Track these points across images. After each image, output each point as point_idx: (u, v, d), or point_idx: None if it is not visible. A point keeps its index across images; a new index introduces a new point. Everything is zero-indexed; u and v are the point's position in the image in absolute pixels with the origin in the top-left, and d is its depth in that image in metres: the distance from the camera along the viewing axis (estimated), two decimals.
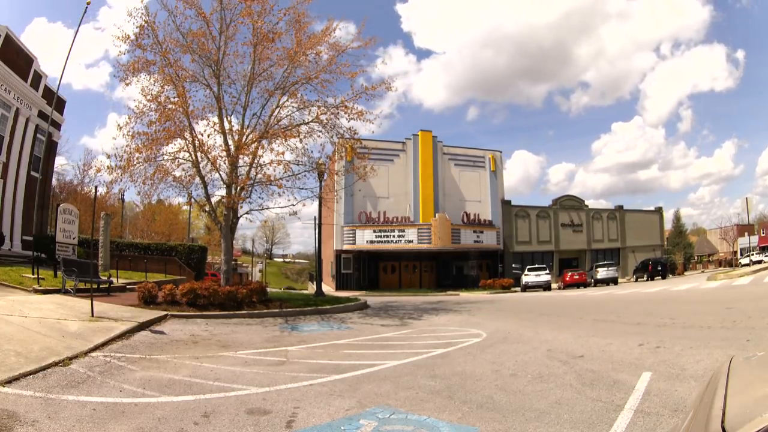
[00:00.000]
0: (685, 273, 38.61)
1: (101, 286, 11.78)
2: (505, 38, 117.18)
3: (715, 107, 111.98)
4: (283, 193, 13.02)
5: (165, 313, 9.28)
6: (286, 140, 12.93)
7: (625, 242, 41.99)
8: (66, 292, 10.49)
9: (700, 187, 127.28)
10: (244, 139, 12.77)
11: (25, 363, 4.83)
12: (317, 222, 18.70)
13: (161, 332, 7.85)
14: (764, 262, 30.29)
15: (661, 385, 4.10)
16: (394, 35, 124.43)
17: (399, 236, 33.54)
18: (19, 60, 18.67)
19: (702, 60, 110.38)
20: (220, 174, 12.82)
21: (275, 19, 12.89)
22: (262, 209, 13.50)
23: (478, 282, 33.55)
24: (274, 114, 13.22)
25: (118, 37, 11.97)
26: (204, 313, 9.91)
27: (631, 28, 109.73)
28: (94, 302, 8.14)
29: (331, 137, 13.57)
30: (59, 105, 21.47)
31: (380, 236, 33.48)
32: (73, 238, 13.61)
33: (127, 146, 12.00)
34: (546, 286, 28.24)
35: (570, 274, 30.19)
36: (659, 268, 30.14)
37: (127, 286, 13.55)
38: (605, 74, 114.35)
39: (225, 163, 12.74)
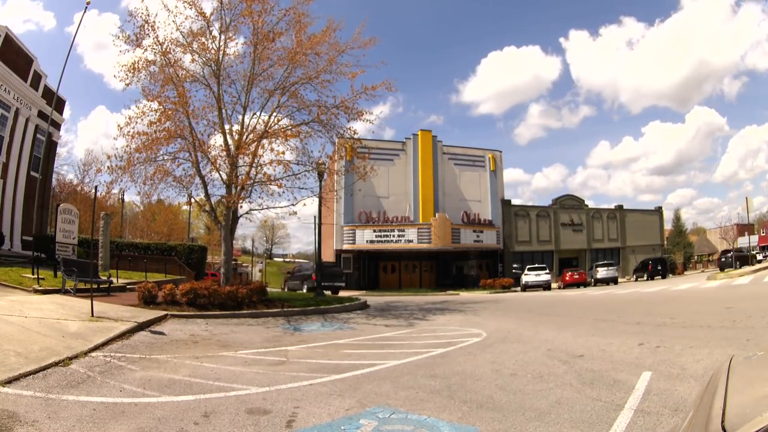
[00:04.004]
0: (685, 272, 38.64)
1: (101, 286, 11.77)
2: None
3: None
4: (283, 192, 13.04)
5: (165, 313, 9.27)
6: (286, 140, 12.95)
7: (625, 242, 42.00)
8: (66, 292, 10.49)
9: None
10: (244, 139, 12.78)
11: (25, 363, 4.83)
12: (317, 222, 18.69)
13: (161, 332, 7.84)
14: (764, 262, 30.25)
15: (662, 385, 4.10)
16: None
17: (399, 236, 33.54)
18: (19, 60, 18.66)
19: None
20: (220, 174, 12.83)
21: (275, 19, 12.92)
22: (262, 209, 13.52)
23: (478, 282, 33.55)
24: (274, 114, 13.24)
25: (118, 37, 12.00)
26: (204, 313, 9.89)
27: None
28: (94, 302, 8.13)
29: (331, 137, 13.60)
30: (59, 105, 21.47)
31: (380, 236, 33.47)
32: (73, 238, 13.61)
33: (127, 146, 12.02)
34: (546, 286, 28.23)
35: (570, 273, 30.20)
36: (659, 268, 30.14)
37: (127, 286, 13.55)
38: None
39: (225, 163, 12.74)
